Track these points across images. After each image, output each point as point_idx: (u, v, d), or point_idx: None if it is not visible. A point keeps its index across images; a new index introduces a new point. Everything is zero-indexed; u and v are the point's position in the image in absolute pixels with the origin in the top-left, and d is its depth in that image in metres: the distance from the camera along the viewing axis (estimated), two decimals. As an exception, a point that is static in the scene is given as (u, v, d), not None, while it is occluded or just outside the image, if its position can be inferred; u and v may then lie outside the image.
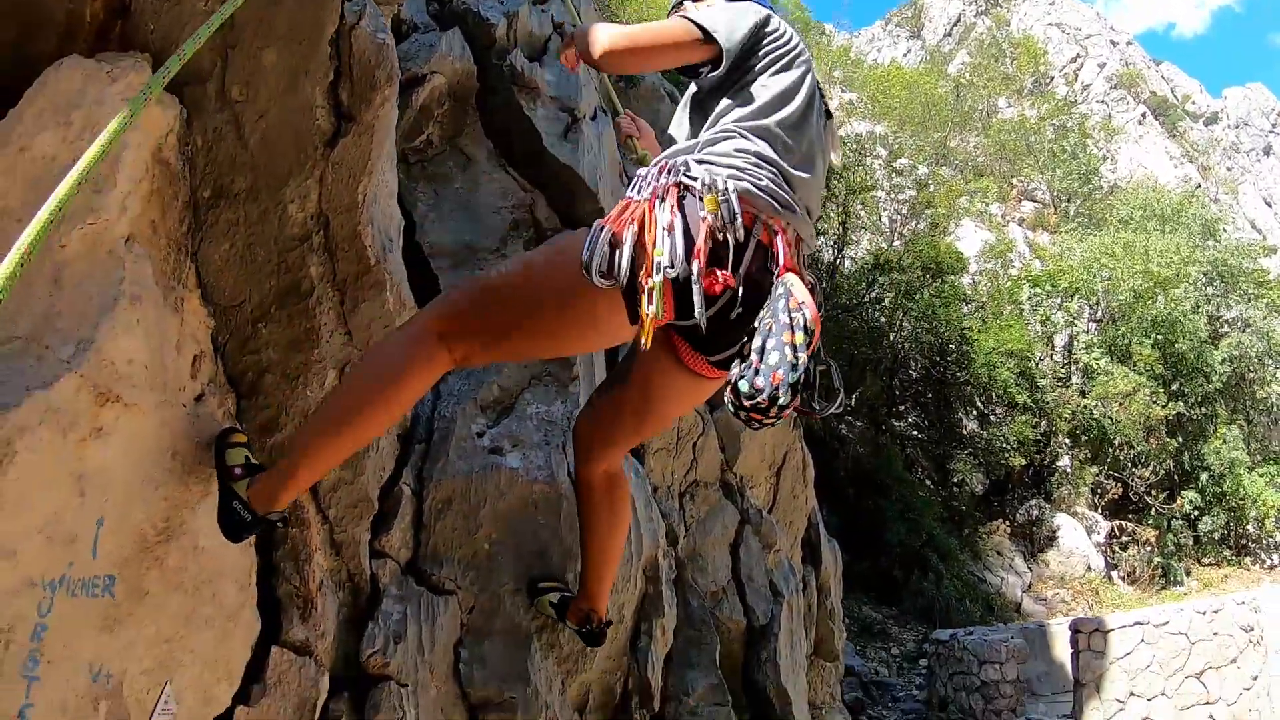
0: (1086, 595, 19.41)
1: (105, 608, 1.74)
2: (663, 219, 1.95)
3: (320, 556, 2.44)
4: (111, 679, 1.75)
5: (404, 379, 2.01)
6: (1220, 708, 9.19)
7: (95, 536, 1.72)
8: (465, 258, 3.85)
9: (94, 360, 1.72)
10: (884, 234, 22.88)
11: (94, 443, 1.72)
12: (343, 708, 2.46)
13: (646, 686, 3.75)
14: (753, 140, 2.15)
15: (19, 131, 1.81)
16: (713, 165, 2.07)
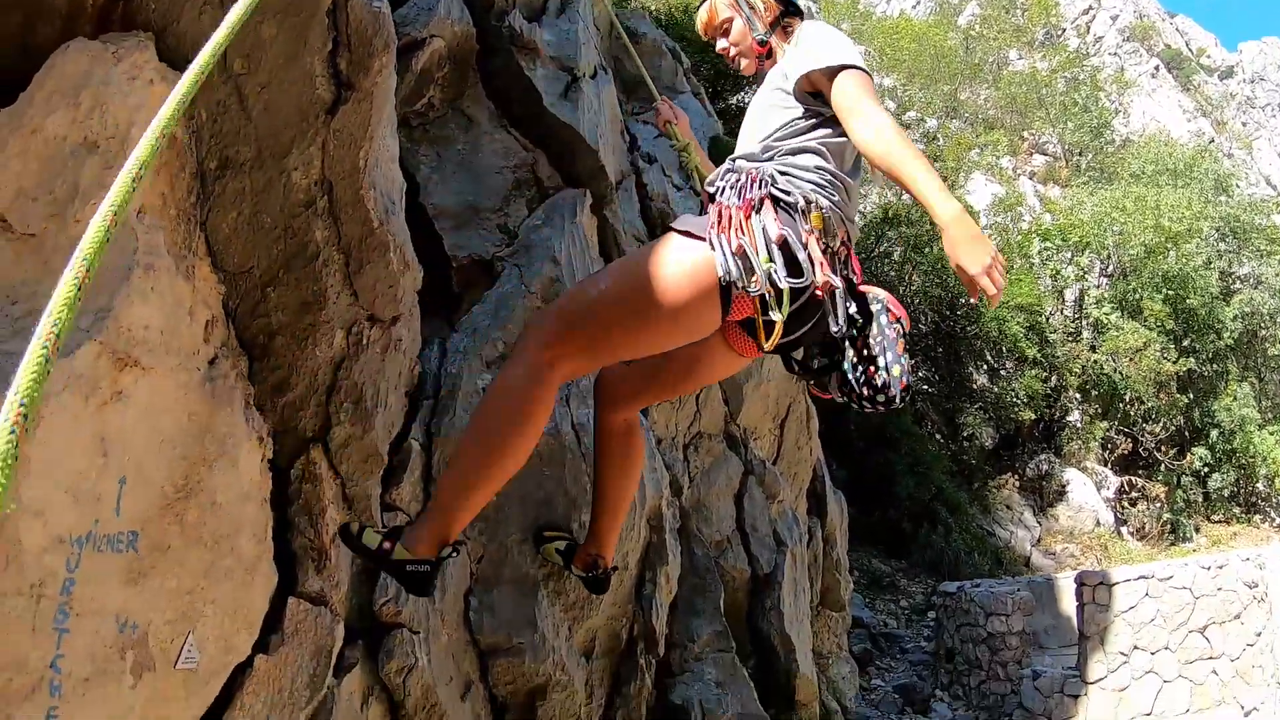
0: (1095, 550, 19.53)
1: (129, 562, 1.83)
2: (770, 230, 2.17)
3: (333, 510, 2.53)
4: (137, 629, 1.84)
5: (531, 416, 2.25)
6: (1223, 663, 9.31)
7: (118, 495, 1.80)
8: (468, 218, 3.91)
9: (112, 327, 1.79)
10: (893, 187, 22.77)
11: (114, 405, 1.79)
12: (357, 655, 2.58)
13: (651, 633, 3.88)
14: (830, 160, 2.38)
15: (30, 114, 1.86)
16: (795, 179, 2.31)
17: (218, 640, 2.07)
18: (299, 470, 2.49)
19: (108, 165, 1.90)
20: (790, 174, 2.32)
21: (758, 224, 2.17)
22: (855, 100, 2.26)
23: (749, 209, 2.20)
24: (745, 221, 2.18)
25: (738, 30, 2.70)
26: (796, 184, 2.29)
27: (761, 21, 2.68)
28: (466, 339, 3.39)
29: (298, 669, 2.31)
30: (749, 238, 2.16)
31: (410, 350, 3.02)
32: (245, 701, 2.14)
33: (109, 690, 1.77)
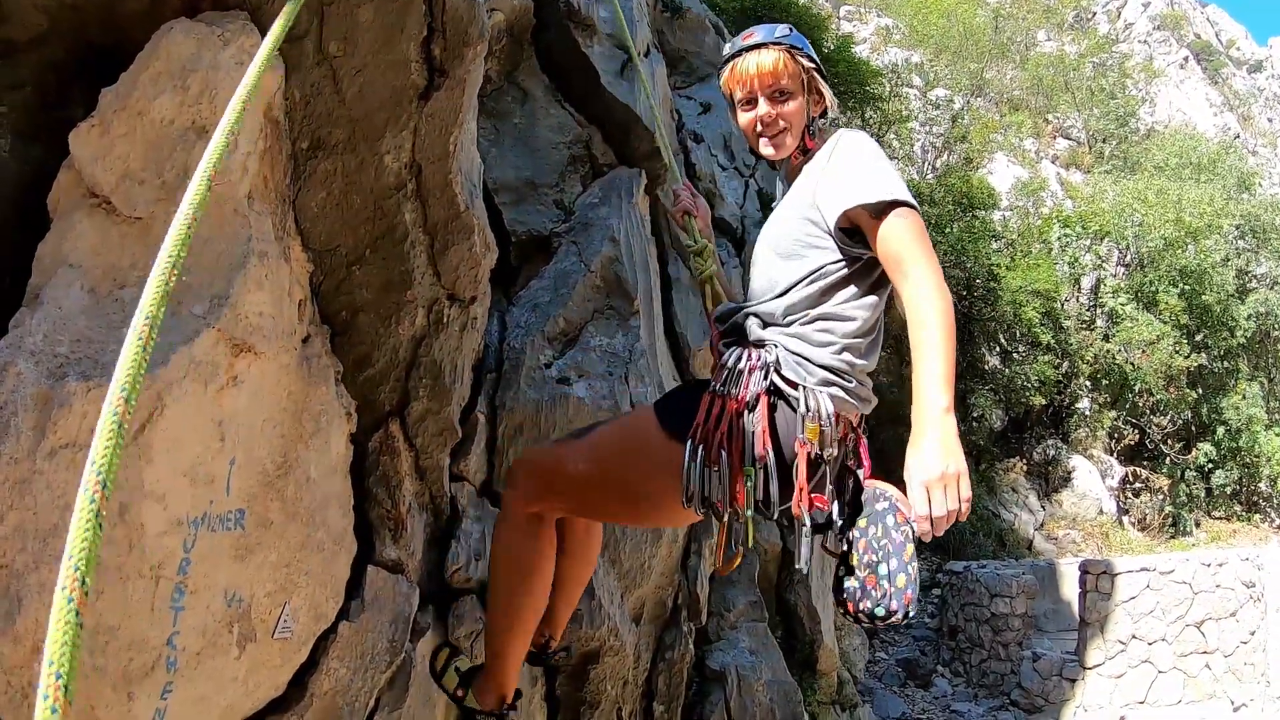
0: (1097, 537, 19.67)
1: (237, 539, 1.87)
2: (756, 442, 1.93)
3: (409, 482, 2.60)
4: (242, 603, 1.90)
5: (536, 566, 2.24)
6: (1217, 658, 9.47)
7: (228, 475, 1.84)
8: (526, 193, 3.93)
9: (229, 315, 1.82)
10: (916, 165, 22.66)
11: (230, 390, 1.83)
12: (429, 619, 2.66)
13: (695, 601, 3.98)
14: (860, 326, 2.06)
15: (136, 96, 1.84)
16: (807, 363, 2.00)
17: (309, 609, 2.13)
18: (377, 443, 2.54)
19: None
20: (802, 358, 2.00)
21: (748, 425, 1.94)
22: (906, 251, 1.92)
23: (741, 405, 1.96)
24: (735, 420, 1.95)
25: (794, 107, 2.24)
26: (806, 374, 1.98)
27: (815, 110, 2.28)
28: (527, 314, 3.44)
29: (378, 634, 2.37)
30: (734, 442, 1.94)
31: (482, 327, 3.06)
32: (330, 666, 2.21)
33: (218, 662, 1.83)
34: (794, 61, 2.26)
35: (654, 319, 3.87)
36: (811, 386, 1.96)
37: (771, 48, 2.27)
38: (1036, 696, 9.62)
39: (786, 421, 1.96)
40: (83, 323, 1.68)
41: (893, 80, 20.89)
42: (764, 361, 2.00)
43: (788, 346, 2.03)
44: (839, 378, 2.00)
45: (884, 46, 26.20)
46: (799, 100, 2.25)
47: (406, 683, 2.51)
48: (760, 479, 1.92)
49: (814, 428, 1.92)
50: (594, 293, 3.55)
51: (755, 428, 1.93)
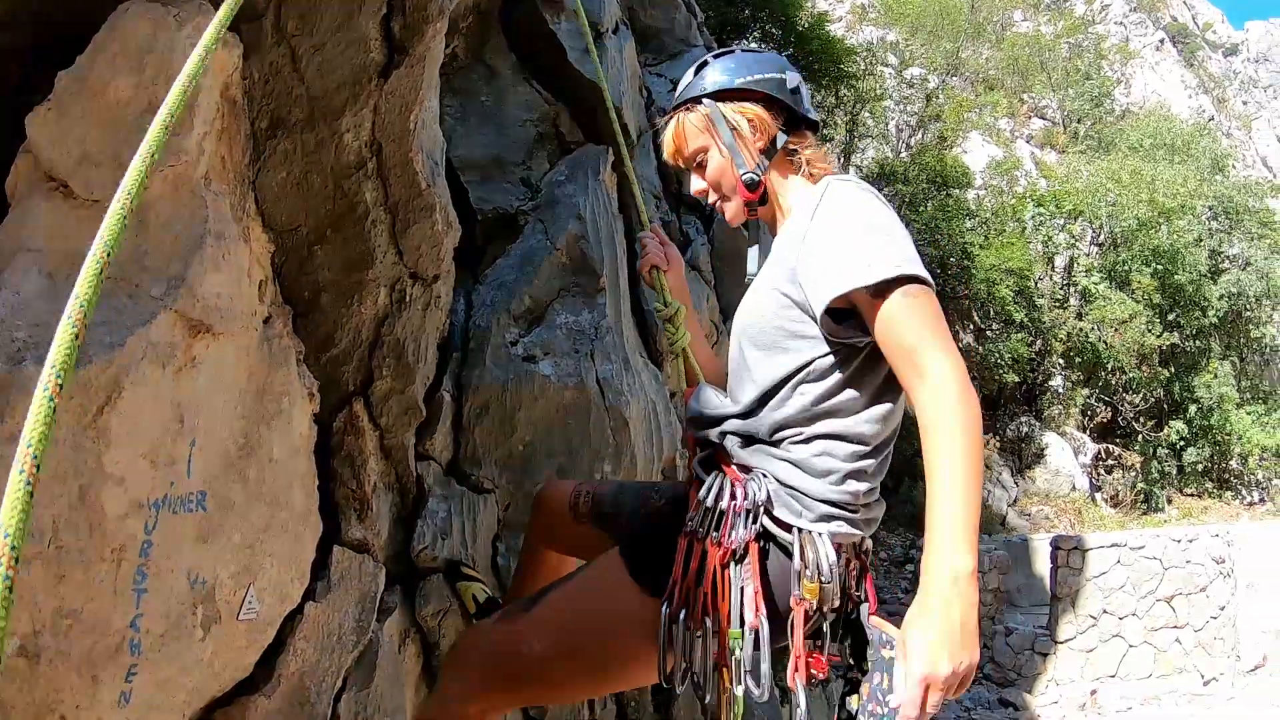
0: (1069, 514, 19.97)
1: (199, 520, 1.88)
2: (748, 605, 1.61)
3: (374, 461, 2.61)
4: (206, 585, 1.91)
5: None
6: (1188, 632, 9.67)
7: (189, 457, 1.85)
8: (493, 172, 3.92)
9: (187, 297, 1.82)
10: (891, 144, 22.76)
11: (189, 371, 1.84)
12: (396, 599, 2.68)
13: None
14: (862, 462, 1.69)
15: (92, 78, 1.84)
16: (804, 498, 1.65)
17: (274, 591, 2.14)
18: (341, 423, 2.55)
19: (175, 133, 1.91)
20: (798, 492, 1.65)
21: (736, 580, 1.62)
22: (920, 343, 1.53)
23: (727, 555, 1.63)
24: (721, 573, 1.63)
25: (715, 166, 1.90)
26: (803, 510, 1.65)
27: (749, 151, 1.87)
28: (493, 292, 3.45)
29: (344, 614, 2.39)
30: (722, 601, 1.62)
31: (445, 306, 3.07)
32: (297, 647, 2.23)
33: (182, 645, 1.84)
34: (694, 115, 1.93)
35: (620, 296, 3.88)
36: (809, 527, 1.64)
37: (672, 115, 1.99)
38: (1009, 670, 9.79)
39: (780, 569, 1.65)
40: (41, 307, 1.68)
41: (867, 59, 20.93)
42: (753, 501, 1.65)
43: (779, 476, 1.67)
44: (843, 510, 1.66)
45: (859, 25, 26.24)
46: (717, 157, 1.90)
47: (374, 662, 2.53)
48: (750, 644, 1.59)
49: (813, 586, 1.60)
50: (560, 270, 3.56)
51: (746, 584, 1.61)
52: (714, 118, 1.90)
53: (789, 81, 1.91)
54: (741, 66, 1.93)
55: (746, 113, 1.88)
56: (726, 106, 1.90)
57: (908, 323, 1.55)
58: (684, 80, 2.02)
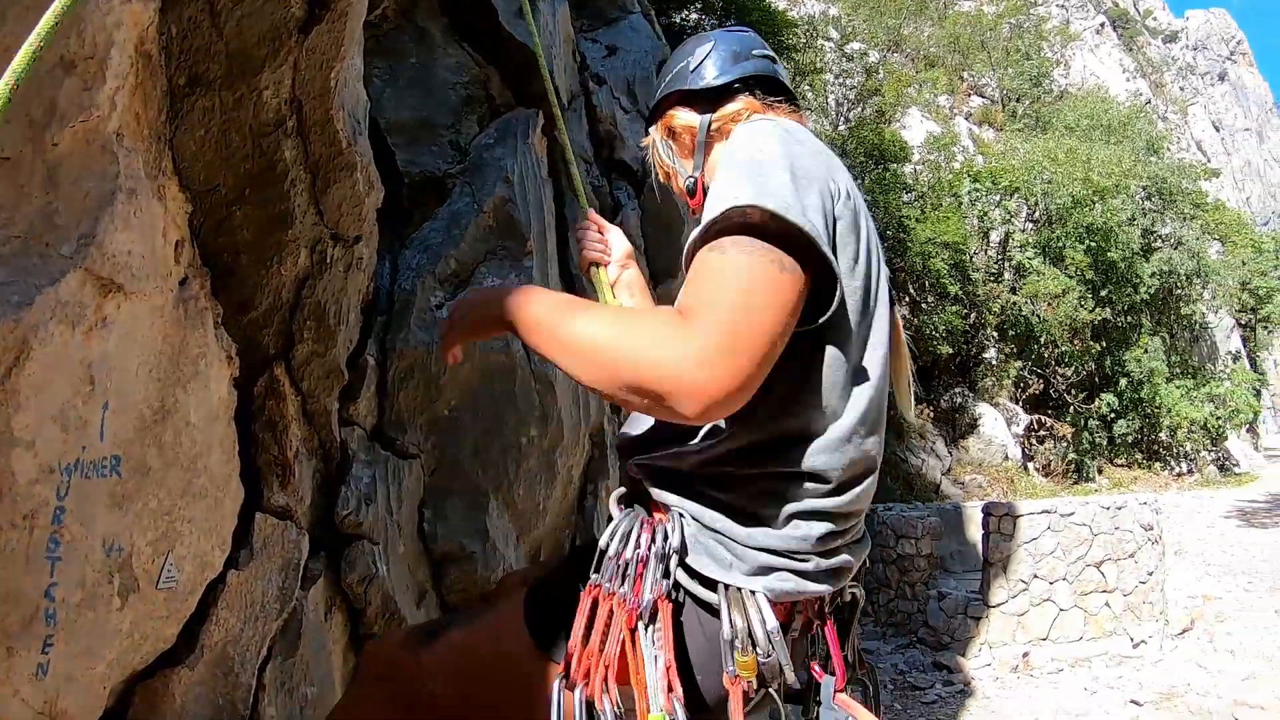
0: (1002, 482, 20.47)
1: (113, 486, 1.85)
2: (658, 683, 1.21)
3: (295, 427, 2.58)
4: (122, 552, 1.88)
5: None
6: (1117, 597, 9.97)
7: (102, 420, 1.81)
8: (420, 134, 3.87)
9: (96, 255, 1.78)
10: (830, 117, 22.92)
11: (99, 332, 1.80)
12: (320, 566, 2.67)
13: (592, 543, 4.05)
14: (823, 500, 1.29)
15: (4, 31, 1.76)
16: (733, 544, 1.28)
17: (194, 558, 2.12)
18: (262, 388, 2.52)
19: (86, 86, 1.87)
20: (724, 537, 1.28)
21: (647, 649, 1.23)
22: (708, 298, 1.14)
23: (634, 616, 1.25)
24: (630, 638, 1.24)
25: (676, 186, 1.74)
26: (732, 560, 1.27)
27: (684, 159, 1.70)
28: (419, 256, 3.42)
29: (268, 582, 2.37)
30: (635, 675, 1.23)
31: (369, 267, 3.04)
32: (220, 616, 2.21)
33: (99, 614, 1.82)
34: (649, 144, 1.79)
35: (548, 260, 3.87)
36: (739, 582, 1.26)
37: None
38: (943, 634, 10.00)
39: (705, 636, 1.28)
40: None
41: (808, 32, 20.99)
42: (661, 550, 1.28)
43: (700, 518, 1.30)
44: (788, 559, 1.28)
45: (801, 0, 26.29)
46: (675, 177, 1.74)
47: (298, 630, 2.52)
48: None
49: (749, 660, 1.22)
50: (487, 234, 3.54)
51: (659, 654, 1.22)
52: (655, 142, 1.77)
53: (694, 60, 1.70)
54: (663, 77, 1.78)
55: (671, 123, 1.73)
56: (656, 127, 1.78)
57: (710, 277, 1.18)
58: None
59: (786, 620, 1.32)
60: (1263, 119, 71.72)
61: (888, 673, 9.35)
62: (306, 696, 2.57)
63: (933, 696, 8.76)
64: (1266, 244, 29.71)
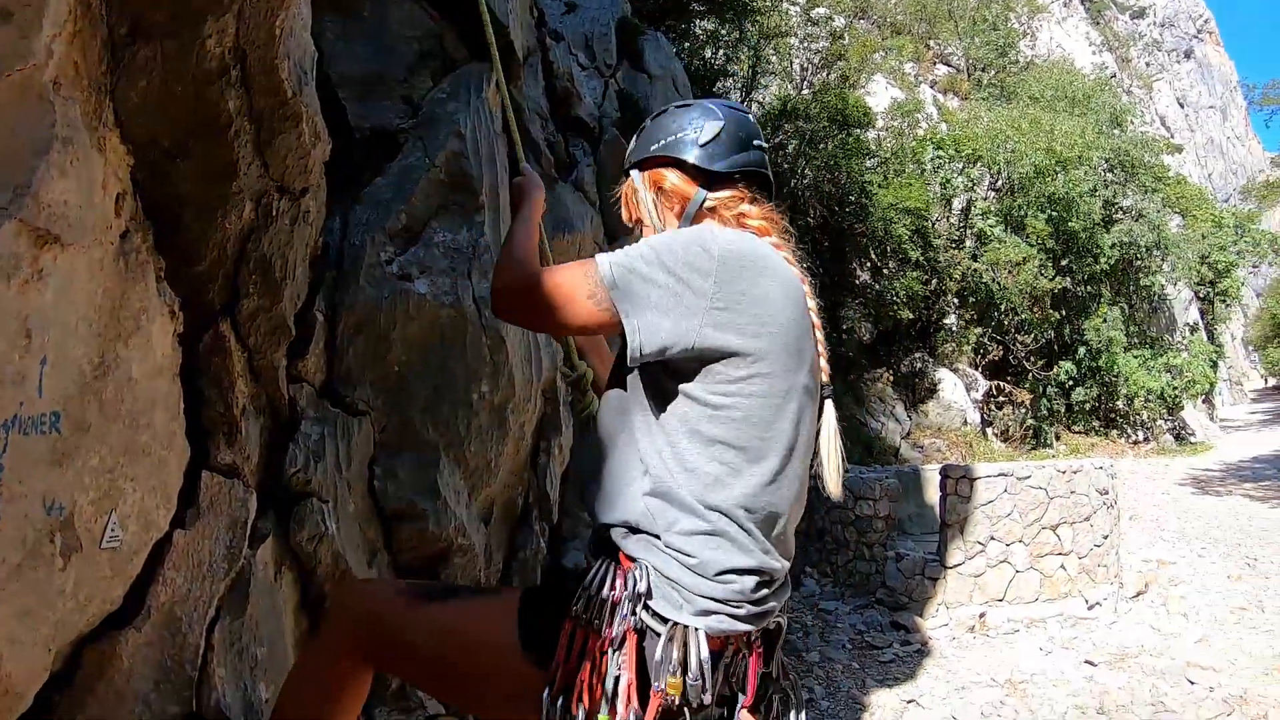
0: (961, 447, 20.77)
1: (53, 443, 1.83)
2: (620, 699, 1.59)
3: (242, 383, 2.56)
4: (64, 511, 1.85)
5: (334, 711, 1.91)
6: (1071, 559, 10.16)
7: (40, 375, 1.78)
8: (372, 89, 3.82)
9: (32, 205, 1.75)
10: (794, 81, 22.85)
11: (35, 285, 1.77)
12: (269, 525, 2.66)
13: (545, 500, 4.05)
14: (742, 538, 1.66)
15: None
16: (685, 590, 1.62)
17: (138, 517, 2.10)
18: (208, 344, 2.49)
19: (24, 35, 1.82)
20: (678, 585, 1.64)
21: (612, 668, 1.60)
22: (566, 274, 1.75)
23: (606, 643, 1.62)
24: (599, 658, 1.62)
25: (646, 235, 1.94)
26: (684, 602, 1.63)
27: (666, 218, 1.92)
28: (369, 211, 3.39)
29: (215, 542, 2.36)
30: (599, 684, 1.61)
31: (316, 221, 3.01)
32: (167, 576, 2.19)
33: (40, 574, 1.80)
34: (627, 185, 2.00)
35: (501, 215, 3.83)
36: (686, 621, 1.61)
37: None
38: (901, 594, 10.16)
39: (656, 657, 1.62)
40: None
41: (775, -5, 20.88)
42: (633, 592, 1.62)
43: (664, 571, 1.64)
44: (724, 605, 1.63)
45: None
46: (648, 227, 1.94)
47: (247, 590, 2.51)
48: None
49: (675, 682, 1.58)
50: (438, 188, 3.50)
51: (621, 673, 1.60)
52: (637, 188, 1.96)
53: (703, 135, 1.89)
54: (662, 129, 1.95)
55: (661, 180, 1.92)
56: (643, 175, 1.95)
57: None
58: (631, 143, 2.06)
59: (720, 649, 1.66)
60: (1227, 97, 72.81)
61: (846, 632, 9.49)
62: (256, 657, 2.56)
63: (890, 656, 8.91)
64: (1226, 219, 30.30)
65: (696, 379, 1.65)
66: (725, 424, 1.65)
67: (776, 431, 1.69)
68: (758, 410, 1.66)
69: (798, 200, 20.15)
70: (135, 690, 2.13)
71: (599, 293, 1.66)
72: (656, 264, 1.63)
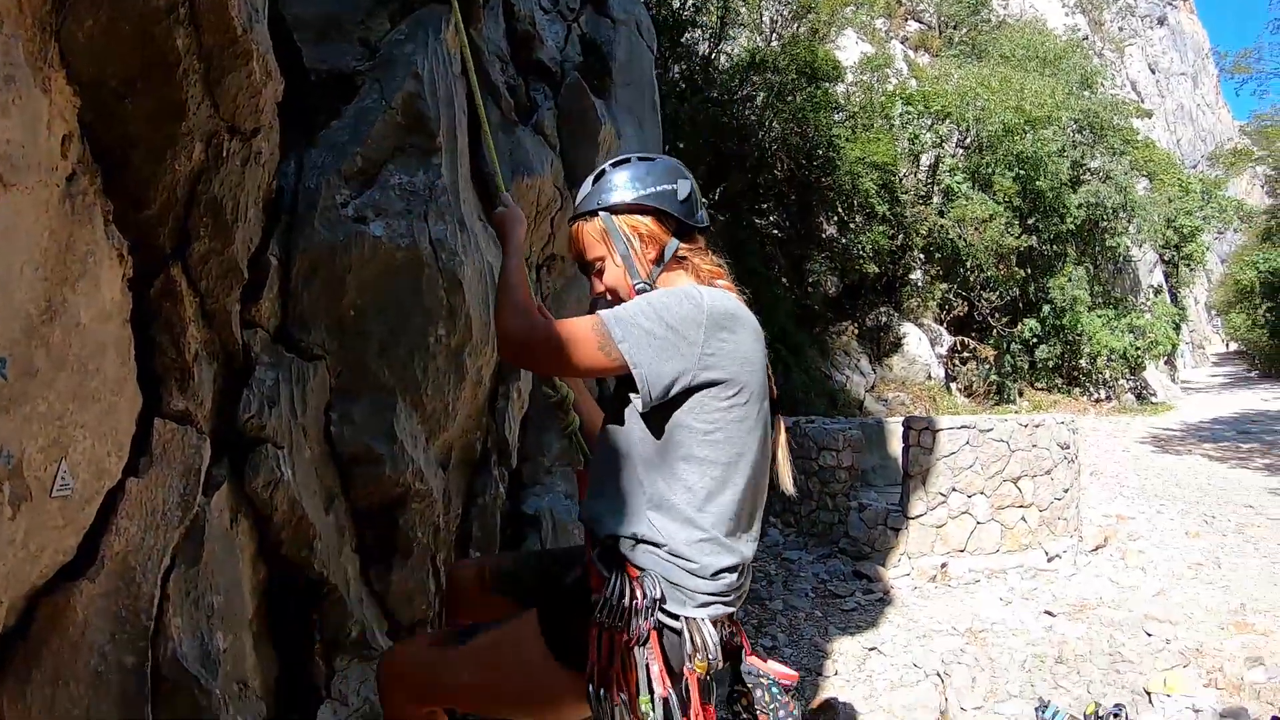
0: (925, 401, 21.01)
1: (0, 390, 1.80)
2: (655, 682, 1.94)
3: (194, 328, 2.53)
4: (12, 459, 1.83)
5: None
6: (1032, 512, 10.33)
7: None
8: (329, 31, 3.71)
9: None
10: (763, 34, 22.66)
11: None
12: (224, 472, 2.65)
13: (504, 445, 4.05)
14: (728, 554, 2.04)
15: None
16: (688, 590, 2.00)
17: (89, 465, 2.08)
18: (159, 289, 2.45)
19: None
20: (683, 587, 2.01)
21: (641, 659, 1.97)
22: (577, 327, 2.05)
23: (633, 641, 1.97)
24: (627, 654, 1.97)
25: (611, 275, 2.23)
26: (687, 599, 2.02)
27: (642, 262, 2.20)
28: (325, 154, 3.33)
29: (168, 489, 2.35)
30: (630, 673, 1.97)
31: (269, 164, 2.96)
32: (120, 525, 2.18)
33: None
34: (592, 225, 2.24)
35: (459, 157, 3.78)
36: (693, 614, 2.00)
37: (573, 221, 2.29)
38: (863, 544, 10.30)
39: (675, 647, 2.00)
40: None
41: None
42: (650, 598, 1.97)
43: (668, 577, 2.01)
44: (718, 597, 2.03)
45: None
46: (613, 267, 2.21)
47: (202, 538, 2.50)
48: (660, 711, 1.94)
49: (703, 663, 1.98)
50: (394, 130, 3.44)
51: (651, 663, 1.96)
52: (610, 231, 2.20)
53: (680, 192, 2.21)
54: (636, 180, 2.21)
55: (640, 226, 2.19)
56: (620, 220, 2.20)
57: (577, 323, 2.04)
58: (583, 188, 2.30)
59: (716, 625, 2.02)
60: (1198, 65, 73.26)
61: (809, 581, 9.62)
62: (213, 605, 2.56)
63: (852, 604, 9.06)
64: (1193, 184, 30.67)
65: (687, 408, 1.99)
66: (713, 445, 2.00)
67: (750, 446, 2.06)
68: (736, 431, 2.02)
69: (765, 153, 20.08)
70: (91, 642, 2.12)
71: (608, 345, 1.96)
72: (656, 319, 1.95)
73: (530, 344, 2.05)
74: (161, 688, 2.32)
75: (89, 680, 2.10)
